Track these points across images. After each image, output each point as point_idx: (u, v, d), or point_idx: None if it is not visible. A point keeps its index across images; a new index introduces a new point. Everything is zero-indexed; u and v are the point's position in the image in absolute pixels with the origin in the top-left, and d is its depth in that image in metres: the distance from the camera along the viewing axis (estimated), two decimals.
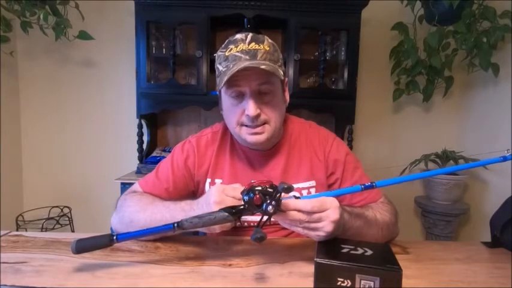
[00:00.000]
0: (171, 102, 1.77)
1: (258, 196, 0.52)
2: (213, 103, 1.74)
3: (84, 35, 1.69)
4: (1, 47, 1.73)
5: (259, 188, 0.53)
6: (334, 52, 1.84)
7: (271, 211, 0.51)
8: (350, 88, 1.75)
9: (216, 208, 0.56)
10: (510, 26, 1.58)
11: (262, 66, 0.65)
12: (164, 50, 1.79)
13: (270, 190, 0.53)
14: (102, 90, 1.98)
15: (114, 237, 0.57)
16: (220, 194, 0.58)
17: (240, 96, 0.70)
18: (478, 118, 1.92)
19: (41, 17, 1.56)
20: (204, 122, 2.00)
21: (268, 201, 0.52)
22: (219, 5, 1.67)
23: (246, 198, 0.53)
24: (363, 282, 0.47)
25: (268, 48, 0.69)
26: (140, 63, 1.71)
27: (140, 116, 1.77)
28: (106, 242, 0.58)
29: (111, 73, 1.97)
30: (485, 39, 1.62)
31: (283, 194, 0.53)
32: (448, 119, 2.03)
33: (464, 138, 1.99)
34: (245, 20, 1.70)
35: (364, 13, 1.71)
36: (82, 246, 0.57)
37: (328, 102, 1.77)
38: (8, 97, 1.88)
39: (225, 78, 0.66)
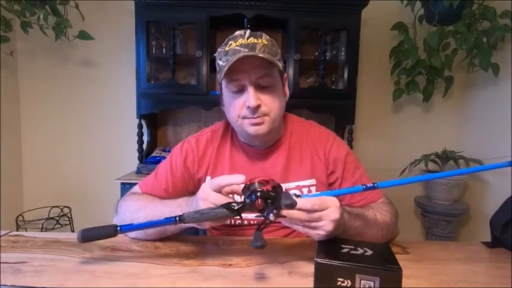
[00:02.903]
0: (171, 102, 1.77)
1: (259, 201, 0.51)
2: (213, 103, 1.74)
3: (84, 35, 1.69)
4: (1, 47, 1.73)
5: (261, 190, 0.52)
6: (334, 52, 1.84)
7: (272, 219, 0.51)
8: (350, 88, 1.75)
9: (202, 205, 0.57)
10: (510, 26, 1.58)
11: (260, 55, 0.66)
12: (164, 50, 1.79)
13: (271, 194, 0.52)
14: (102, 90, 1.98)
15: (118, 228, 0.59)
16: (205, 190, 0.58)
17: (240, 90, 0.71)
18: (478, 118, 1.92)
19: (41, 17, 1.56)
20: (204, 122, 2.00)
21: (270, 207, 0.51)
22: (219, 5, 1.67)
23: (247, 200, 0.53)
24: (362, 282, 0.47)
25: (266, 42, 0.70)
26: (140, 63, 1.71)
27: (140, 116, 1.77)
28: (111, 232, 0.59)
29: (111, 73, 1.97)
30: (485, 39, 1.62)
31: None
32: (448, 119, 2.03)
33: (464, 138, 1.99)
34: (245, 20, 1.70)
35: (364, 13, 1.71)
36: (88, 236, 0.59)
37: (328, 102, 1.77)
38: (8, 97, 1.87)
39: (225, 69, 0.67)
